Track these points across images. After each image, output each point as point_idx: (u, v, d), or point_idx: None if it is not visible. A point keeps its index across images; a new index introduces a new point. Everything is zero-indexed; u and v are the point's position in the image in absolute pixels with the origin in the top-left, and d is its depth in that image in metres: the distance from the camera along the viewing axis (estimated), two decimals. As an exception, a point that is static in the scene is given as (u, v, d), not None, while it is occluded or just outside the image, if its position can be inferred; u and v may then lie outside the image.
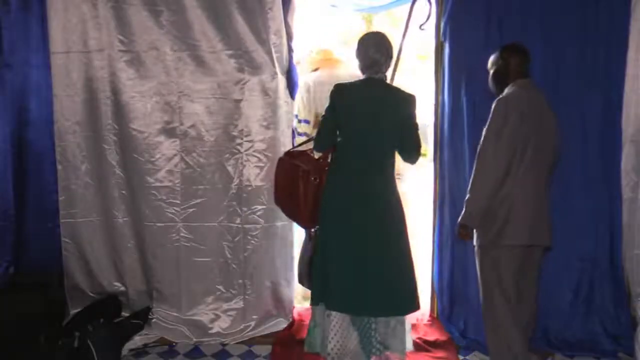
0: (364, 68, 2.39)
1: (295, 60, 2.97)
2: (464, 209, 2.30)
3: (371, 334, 2.36)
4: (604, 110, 2.81)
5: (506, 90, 2.33)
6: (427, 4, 2.84)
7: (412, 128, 2.37)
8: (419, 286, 2.42)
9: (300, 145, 2.70)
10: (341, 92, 2.36)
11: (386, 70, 2.39)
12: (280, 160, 2.61)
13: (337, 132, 2.39)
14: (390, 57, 2.39)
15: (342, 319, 2.32)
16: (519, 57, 2.33)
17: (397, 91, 2.41)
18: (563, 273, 2.85)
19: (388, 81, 2.52)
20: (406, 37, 2.81)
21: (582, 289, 2.86)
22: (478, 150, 2.27)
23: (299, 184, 2.42)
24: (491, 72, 2.42)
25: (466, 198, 2.30)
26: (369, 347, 2.36)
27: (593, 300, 2.86)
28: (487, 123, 2.25)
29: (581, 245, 2.85)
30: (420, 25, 2.87)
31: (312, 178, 2.40)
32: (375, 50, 2.34)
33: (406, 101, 2.37)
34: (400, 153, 2.42)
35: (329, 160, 2.45)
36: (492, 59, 2.42)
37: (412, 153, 2.40)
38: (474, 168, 2.28)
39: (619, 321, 2.83)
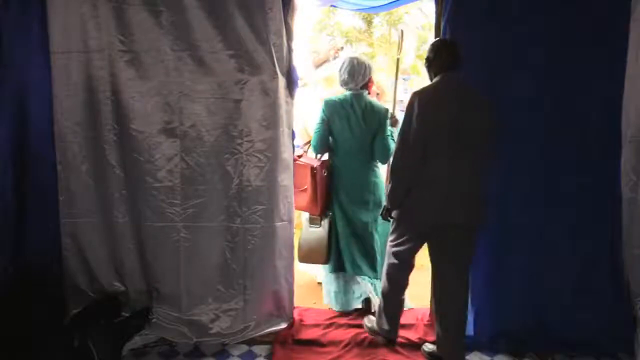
0: (341, 84, 3.16)
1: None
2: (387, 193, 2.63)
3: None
4: (604, 111, 2.81)
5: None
6: (401, 27, 3.25)
7: (384, 133, 3.09)
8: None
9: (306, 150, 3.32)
10: (332, 105, 3.11)
11: (362, 84, 3.10)
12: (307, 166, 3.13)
13: (330, 138, 3.15)
14: (364, 77, 3.09)
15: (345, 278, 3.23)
16: (437, 53, 2.56)
17: (374, 104, 3.12)
18: (563, 273, 2.85)
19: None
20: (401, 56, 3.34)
21: (582, 289, 2.86)
22: (396, 139, 2.57)
23: (314, 179, 3.07)
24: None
25: (387, 184, 2.67)
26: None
27: (593, 300, 2.86)
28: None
29: (581, 245, 2.85)
30: (397, 55, 3.29)
31: (323, 173, 3.11)
32: (345, 72, 3.10)
33: (380, 111, 3.11)
34: (374, 152, 3.12)
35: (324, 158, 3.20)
36: None
37: (383, 153, 3.11)
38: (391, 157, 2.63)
39: (619, 321, 2.83)
